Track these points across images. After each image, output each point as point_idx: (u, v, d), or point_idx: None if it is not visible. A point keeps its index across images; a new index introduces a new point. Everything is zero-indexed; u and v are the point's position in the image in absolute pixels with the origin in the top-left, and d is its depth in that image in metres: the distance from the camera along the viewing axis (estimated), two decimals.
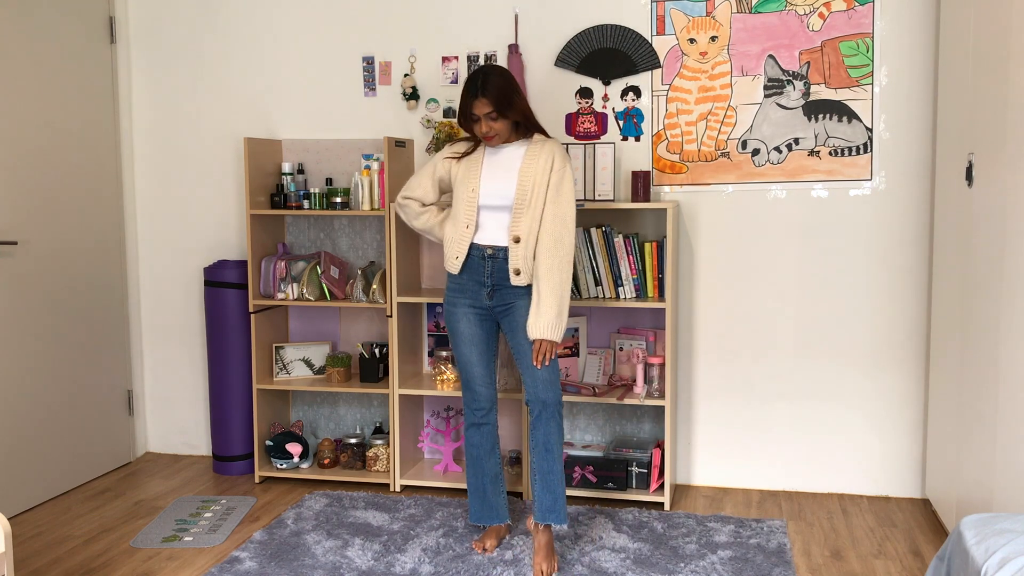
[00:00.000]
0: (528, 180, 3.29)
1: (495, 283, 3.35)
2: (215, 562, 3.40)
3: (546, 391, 3.30)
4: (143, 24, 4.57)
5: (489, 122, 3.27)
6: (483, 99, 3.25)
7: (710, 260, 4.11)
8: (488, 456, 3.48)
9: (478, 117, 3.28)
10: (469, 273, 3.39)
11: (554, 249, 3.26)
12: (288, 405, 4.53)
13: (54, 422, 4.12)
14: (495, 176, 3.35)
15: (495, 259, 3.34)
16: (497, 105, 3.24)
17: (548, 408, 3.31)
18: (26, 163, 3.96)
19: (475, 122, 3.30)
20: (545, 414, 3.31)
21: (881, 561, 3.39)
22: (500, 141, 3.34)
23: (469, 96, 3.27)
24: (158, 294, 4.68)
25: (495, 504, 3.50)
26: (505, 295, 3.35)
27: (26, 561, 3.43)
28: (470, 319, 3.41)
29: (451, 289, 3.45)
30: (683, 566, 3.29)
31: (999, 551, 2.10)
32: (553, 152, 3.32)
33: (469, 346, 3.42)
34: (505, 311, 3.37)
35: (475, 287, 3.38)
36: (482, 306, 3.39)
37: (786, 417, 4.10)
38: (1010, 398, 2.92)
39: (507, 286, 3.34)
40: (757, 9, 3.95)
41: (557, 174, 3.30)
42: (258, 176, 4.20)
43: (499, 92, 3.25)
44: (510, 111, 3.27)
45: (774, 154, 4.00)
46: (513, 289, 3.34)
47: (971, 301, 3.30)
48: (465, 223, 3.35)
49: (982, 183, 3.19)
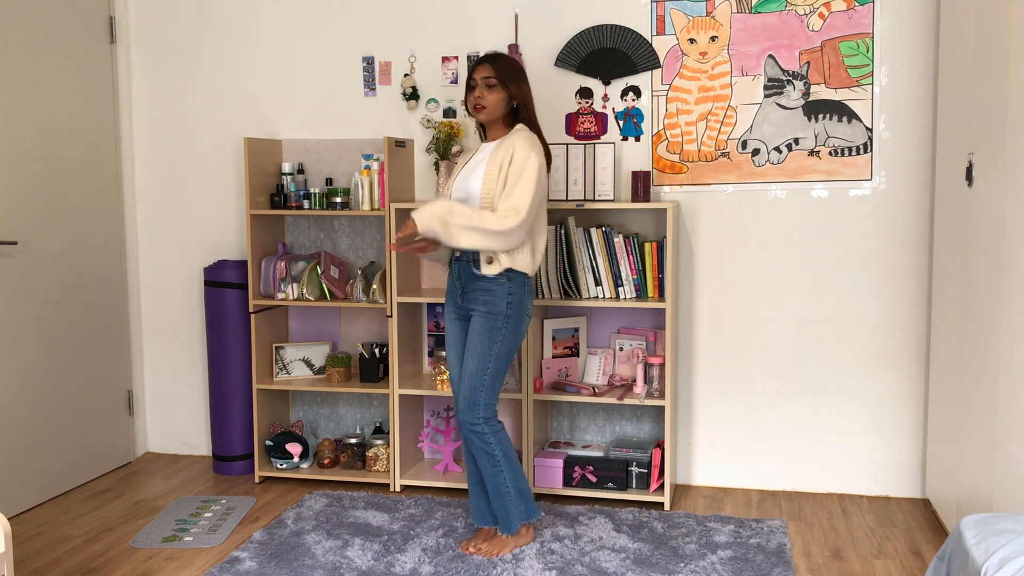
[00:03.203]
0: (492, 171, 3.26)
1: (463, 285, 3.37)
2: (215, 562, 3.40)
3: (465, 406, 3.31)
4: (143, 24, 4.57)
5: (483, 89, 3.26)
6: (486, 64, 3.27)
7: (710, 260, 4.11)
8: (471, 460, 3.46)
9: (476, 82, 3.27)
10: (450, 275, 3.45)
11: (485, 214, 3.19)
12: (288, 405, 4.53)
13: (54, 422, 4.12)
14: (469, 172, 3.36)
15: (460, 260, 3.36)
16: (498, 73, 3.25)
17: (469, 430, 3.31)
18: (26, 163, 3.96)
19: (471, 90, 3.29)
20: (467, 436, 3.34)
21: (881, 561, 3.39)
22: (487, 117, 3.32)
23: (475, 64, 3.32)
24: (158, 294, 4.68)
25: (481, 507, 3.50)
26: (470, 300, 3.36)
27: (26, 561, 3.43)
28: (451, 319, 3.47)
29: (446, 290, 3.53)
30: (683, 566, 3.29)
31: (999, 551, 2.10)
32: (514, 145, 3.25)
33: (449, 346, 3.48)
34: (470, 314, 3.38)
35: (454, 288, 3.44)
36: (459, 307, 3.42)
37: (786, 417, 4.10)
38: (1010, 398, 2.92)
39: (472, 289, 3.33)
40: (757, 9, 3.95)
41: (516, 166, 3.22)
42: (258, 176, 4.20)
43: (505, 64, 3.27)
44: (510, 83, 3.27)
45: (774, 154, 4.00)
46: (476, 295, 3.32)
47: (971, 301, 3.30)
48: None
49: (982, 183, 3.19)
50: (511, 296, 3.30)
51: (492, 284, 3.29)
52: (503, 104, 3.31)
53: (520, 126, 3.36)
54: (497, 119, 3.37)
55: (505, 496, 3.37)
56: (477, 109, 3.31)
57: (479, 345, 3.31)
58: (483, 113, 3.32)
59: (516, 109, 3.38)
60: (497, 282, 3.29)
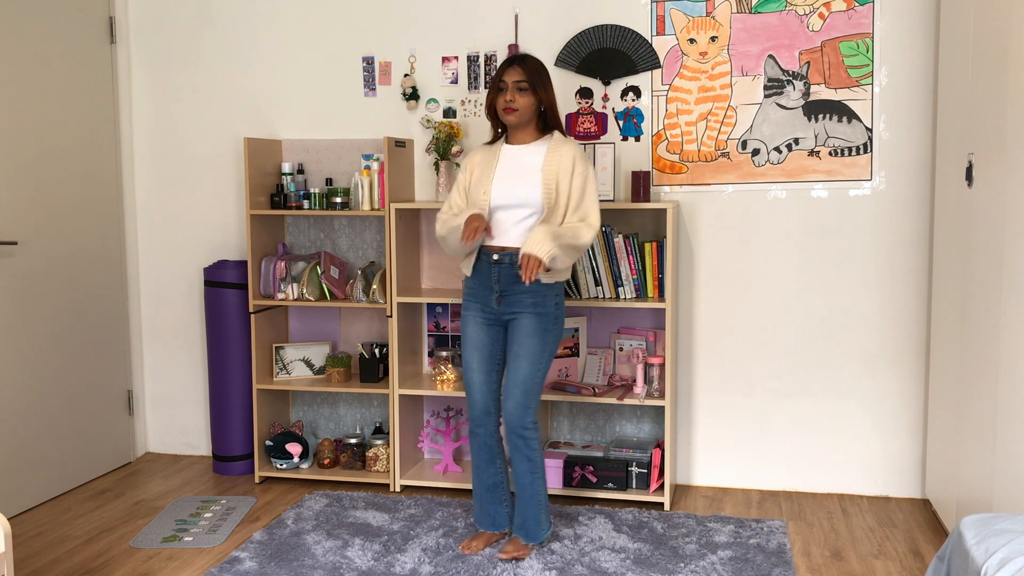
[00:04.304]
0: (551, 179, 3.25)
1: (503, 289, 3.30)
2: (215, 562, 3.40)
3: (516, 413, 3.28)
4: (143, 24, 4.57)
5: (515, 92, 3.24)
6: (517, 67, 3.25)
7: (710, 260, 4.11)
8: (485, 466, 3.43)
9: (506, 85, 3.25)
10: (480, 278, 3.35)
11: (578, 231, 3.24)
12: (288, 405, 4.53)
13: (54, 422, 4.12)
14: (512, 174, 3.29)
15: (501, 264, 3.29)
16: (529, 76, 3.24)
17: (517, 436, 3.29)
18: (26, 163, 3.96)
19: (501, 92, 3.26)
20: (514, 442, 3.31)
21: (881, 561, 3.39)
22: (517, 120, 3.29)
23: (504, 66, 3.27)
24: (158, 294, 4.68)
25: (491, 512, 3.47)
26: (513, 303, 3.30)
27: (26, 561, 3.43)
28: (477, 323, 3.37)
29: (465, 293, 3.42)
30: (683, 566, 3.29)
31: (999, 551, 2.10)
32: (574, 155, 3.28)
33: (472, 350, 3.37)
34: (511, 318, 3.33)
35: (485, 292, 3.34)
36: (490, 311, 3.34)
37: (786, 417, 4.10)
38: (1010, 398, 2.92)
39: (515, 292, 3.29)
40: (757, 9, 3.95)
41: (580, 178, 3.26)
42: (258, 176, 4.20)
43: (535, 66, 3.26)
44: (540, 88, 3.26)
45: (774, 154, 4.00)
46: (520, 298, 3.29)
47: (971, 301, 3.30)
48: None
49: (982, 183, 3.19)
50: (558, 297, 3.34)
51: (542, 287, 3.29)
52: (533, 108, 3.29)
53: (558, 135, 3.35)
54: (525, 122, 3.34)
55: (539, 504, 3.36)
56: (508, 111, 3.27)
57: (533, 347, 3.28)
58: (513, 116, 3.28)
59: (542, 112, 3.36)
60: (547, 284, 3.30)
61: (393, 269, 4.00)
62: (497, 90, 3.30)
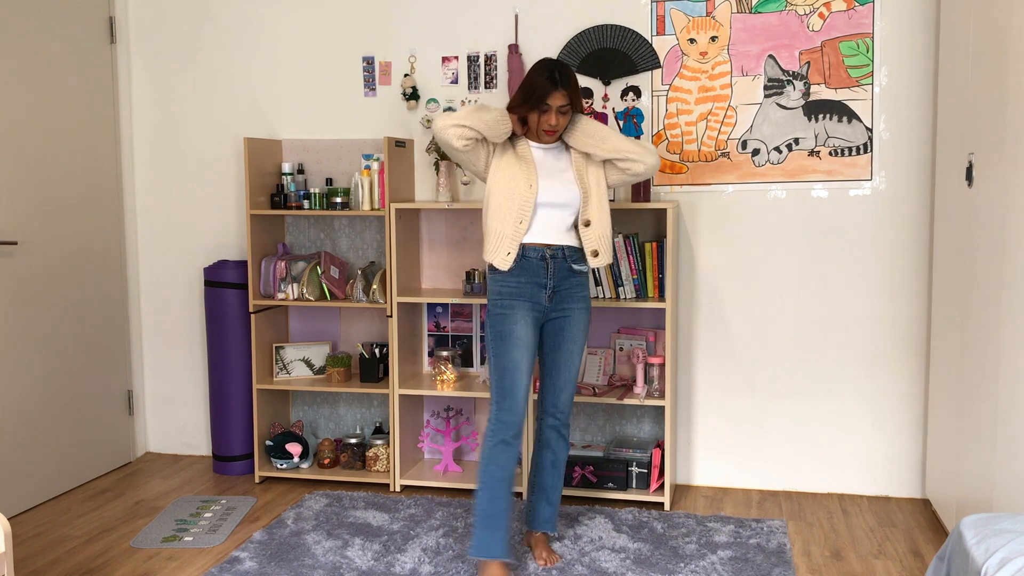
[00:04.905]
0: (582, 171, 3.28)
1: (555, 285, 3.25)
2: (215, 562, 3.40)
3: (567, 406, 3.35)
4: (143, 24, 4.57)
5: (559, 116, 3.21)
6: (563, 91, 3.19)
7: (710, 260, 4.11)
8: (512, 481, 3.20)
9: (549, 108, 3.19)
10: (527, 275, 3.21)
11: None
12: (288, 405, 4.53)
13: (54, 422, 4.12)
14: (552, 174, 3.26)
15: (556, 259, 3.25)
16: (573, 101, 3.22)
17: (564, 427, 3.37)
18: (26, 163, 3.96)
19: (544, 112, 3.20)
20: (560, 432, 3.37)
21: (881, 561, 3.39)
22: (555, 140, 3.29)
23: (548, 86, 3.16)
24: (158, 294, 4.68)
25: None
26: (565, 298, 3.27)
27: (26, 561, 3.43)
28: (526, 323, 3.20)
29: (506, 291, 3.22)
30: (683, 566, 3.29)
31: (999, 551, 2.10)
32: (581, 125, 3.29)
33: (522, 350, 3.18)
34: (561, 315, 3.28)
35: (534, 289, 3.22)
36: (540, 310, 3.25)
37: (786, 417, 4.10)
38: (1010, 398, 2.92)
39: (567, 288, 3.27)
40: (757, 9, 3.95)
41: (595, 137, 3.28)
42: (258, 176, 4.20)
43: (575, 84, 3.23)
44: (578, 104, 3.26)
45: (774, 154, 4.00)
46: (572, 291, 3.28)
47: (971, 301, 3.30)
48: (518, 218, 3.18)
49: (982, 183, 3.19)
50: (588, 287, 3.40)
51: (584, 277, 3.34)
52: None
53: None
54: None
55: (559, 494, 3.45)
56: (550, 132, 3.24)
57: (582, 342, 3.34)
58: (554, 136, 3.27)
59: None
60: (586, 274, 3.36)
61: (393, 269, 4.01)
62: (539, 107, 3.20)
